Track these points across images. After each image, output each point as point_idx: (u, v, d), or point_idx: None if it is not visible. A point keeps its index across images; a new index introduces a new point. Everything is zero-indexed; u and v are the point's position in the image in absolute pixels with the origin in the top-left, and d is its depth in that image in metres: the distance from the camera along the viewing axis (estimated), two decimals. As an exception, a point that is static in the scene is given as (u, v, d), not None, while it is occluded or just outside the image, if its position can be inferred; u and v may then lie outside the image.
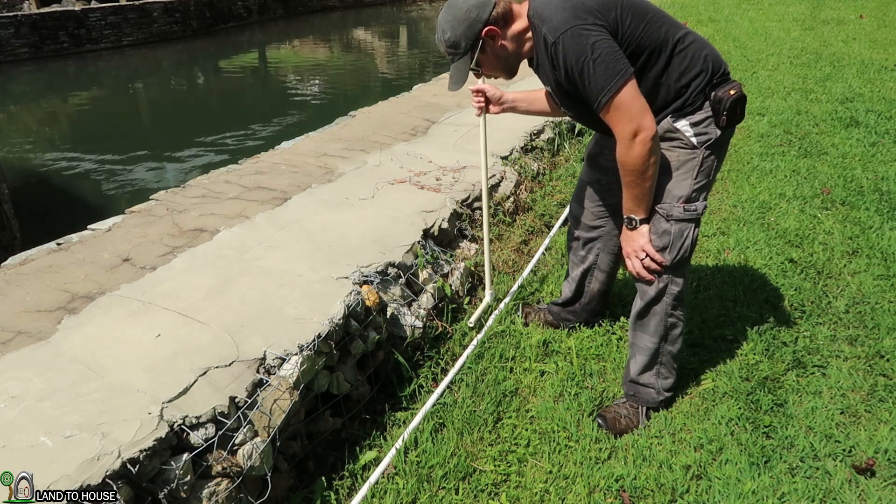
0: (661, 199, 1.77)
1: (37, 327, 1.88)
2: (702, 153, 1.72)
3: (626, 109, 1.59)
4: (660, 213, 1.78)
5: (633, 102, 1.58)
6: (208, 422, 1.56)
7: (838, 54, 7.20)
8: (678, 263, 1.81)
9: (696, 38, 1.72)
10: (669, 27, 1.69)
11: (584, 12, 1.58)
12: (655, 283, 1.84)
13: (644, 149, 1.61)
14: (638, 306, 1.91)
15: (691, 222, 1.76)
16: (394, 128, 4.09)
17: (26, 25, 13.39)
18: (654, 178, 1.69)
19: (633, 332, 1.98)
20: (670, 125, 1.72)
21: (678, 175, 1.75)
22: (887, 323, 2.40)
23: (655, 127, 1.62)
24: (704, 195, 1.77)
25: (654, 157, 1.64)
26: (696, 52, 1.68)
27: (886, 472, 1.75)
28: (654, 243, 1.79)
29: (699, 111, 1.70)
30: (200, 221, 2.64)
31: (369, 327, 2.11)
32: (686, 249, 1.78)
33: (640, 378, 1.99)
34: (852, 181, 3.73)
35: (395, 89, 6.20)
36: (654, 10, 1.70)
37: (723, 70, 1.71)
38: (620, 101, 1.58)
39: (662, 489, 1.74)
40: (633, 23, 1.62)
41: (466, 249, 2.86)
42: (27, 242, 3.97)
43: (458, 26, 1.73)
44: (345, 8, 23.23)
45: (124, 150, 8.64)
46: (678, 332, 1.92)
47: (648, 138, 1.60)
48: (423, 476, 1.80)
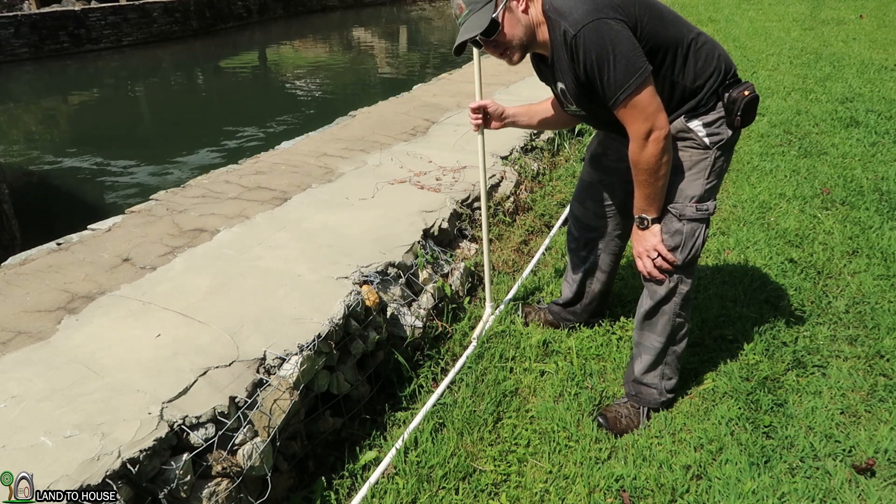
0: (674, 198, 1.77)
1: (37, 327, 1.88)
2: (714, 153, 1.73)
3: (642, 108, 1.58)
4: (672, 213, 1.78)
5: (650, 101, 1.57)
6: (208, 422, 1.56)
7: (838, 54, 7.20)
8: (688, 263, 1.81)
9: (709, 38, 1.72)
10: (684, 26, 1.69)
11: (606, 6, 1.55)
12: (666, 283, 1.84)
13: (657, 148, 1.61)
14: (647, 306, 1.90)
15: (703, 222, 1.77)
16: (394, 128, 4.09)
17: (26, 25, 13.40)
18: (666, 177, 1.69)
19: (639, 331, 1.97)
20: (683, 125, 1.72)
21: (691, 175, 1.75)
22: (887, 323, 2.40)
23: (668, 126, 1.62)
24: (715, 195, 1.79)
25: (666, 157, 1.64)
26: (710, 52, 1.68)
27: (886, 472, 1.75)
28: (666, 242, 1.79)
29: (712, 111, 1.70)
30: (200, 221, 2.64)
31: (369, 327, 2.11)
32: (697, 249, 1.79)
33: (644, 378, 1.99)
34: (852, 181, 3.73)
35: (395, 89, 6.20)
36: (669, 10, 1.70)
37: (733, 71, 1.72)
38: (639, 99, 1.56)
39: (662, 489, 1.74)
40: (651, 21, 1.60)
41: (466, 249, 2.86)
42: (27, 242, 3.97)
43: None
44: (345, 8, 23.23)
45: (124, 149, 8.65)
46: (684, 332, 1.93)
47: (662, 137, 1.60)
48: (423, 476, 1.80)
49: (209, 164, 7.53)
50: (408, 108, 4.61)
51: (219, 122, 10.32)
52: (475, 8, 1.65)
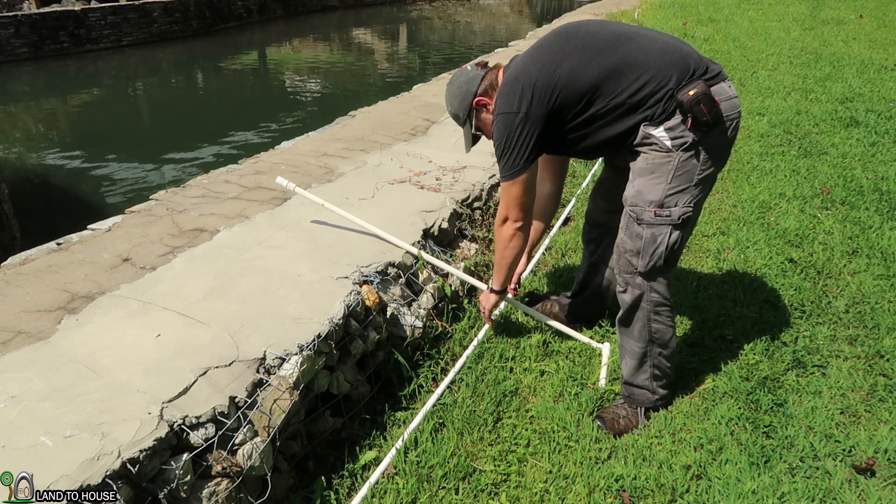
0: (634, 201, 1.78)
1: (37, 327, 1.88)
2: (678, 156, 1.70)
3: (510, 197, 1.88)
4: (630, 215, 1.79)
5: (518, 195, 1.86)
6: (208, 422, 1.56)
7: (838, 54, 7.21)
8: (652, 270, 1.80)
9: (652, 49, 1.71)
10: (613, 52, 1.71)
11: (520, 100, 1.75)
12: (630, 291, 1.86)
13: (508, 233, 1.94)
14: (620, 312, 1.94)
15: (666, 227, 1.75)
16: (394, 128, 4.09)
17: (26, 25, 13.37)
18: (510, 261, 2.02)
19: (619, 335, 2.01)
20: (646, 132, 1.72)
21: (652, 179, 1.75)
22: (887, 323, 2.40)
23: (524, 223, 1.92)
24: (687, 200, 1.73)
25: (513, 244, 1.96)
26: (646, 66, 1.69)
27: (886, 472, 1.75)
28: (627, 245, 1.81)
29: (673, 116, 1.69)
30: (200, 221, 2.64)
31: (369, 327, 2.11)
32: (660, 256, 1.77)
33: (634, 380, 2.00)
34: (852, 181, 3.73)
35: (395, 89, 6.20)
36: (604, 36, 1.74)
37: (691, 72, 1.68)
38: (511, 189, 1.86)
39: (662, 489, 1.74)
40: (572, 73, 1.72)
41: (466, 249, 2.86)
42: (27, 242, 3.97)
43: (454, 100, 2.02)
44: (345, 8, 23.23)
45: (124, 149, 8.64)
46: (668, 337, 1.92)
47: (514, 229, 1.93)
48: (423, 476, 1.80)
49: (209, 164, 7.52)
50: (408, 108, 4.61)
51: (218, 122, 10.31)
52: (460, 123, 2.07)
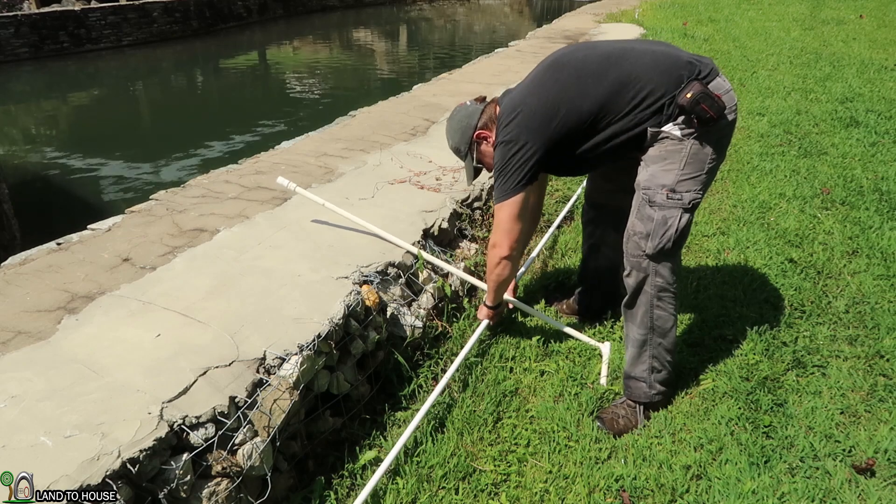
0: (647, 184, 1.82)
1: (37, 327, 1.88)
2: (690, 143, 1.77)
3: (501, 221, 1.95)
4: (643, 198, 1.83)
5: (507, 221, 1.93)
6: (208, 422, 1.56)
7: (838, 54, 7.21)
8: (661, 253, 1.82)
9: (644, 63, 1.78)
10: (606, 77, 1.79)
11: (521, 133, 1.84)
12: (634, 274, 1.88)
13: (496, 258, 2.01)
14: (626, 297, 1.96)
15: (676, 209, 1.79)
16: (394, 128, 4.09)
17: (26, 25, 13.37)
18: (498, 284, 2.09)
19: (625, 322, 2.03)
20: (657, 130, 1.79)
21: (665, 164, 1.80)
22: (887, 323, 2.40)
23: (511, 252, 1.97)
24: (697, 188, 1.80)
25: (500, 269, 2.02)
26: (642, 80, 1.77)
27: (886, 472, 1.75)
28: (638, 228, 1.84)
29: (680, 116, 1.76)
30: (200, 221, 2.64)
31: (369, 327, 2.11)
32: (669, 239, 1.80)
33: (633, 372, 2.01)
34: (852, 181, 3.73)
35: (395, 89, 6.19)
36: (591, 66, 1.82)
37: (686, 76, 1.74)
38: (501, 214, 1.94)
39: (662, 489, 1.74)
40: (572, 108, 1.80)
41: (466, 249, 2.86)
42: (27, 242, 3.96)
43: (455, 134, 2.09)
44: (345, 8, 23.23)
45: (124, 149, 8.64)
46: (669, 326, 1.93)
47: (500, 256, 1.99)
48: (423, 476, 1.80)
49: (209, 164, 7.52)
50: (408, 108, 4.61)
51: (219, 122, 10.31)
52: (461, 157, 2.12)
